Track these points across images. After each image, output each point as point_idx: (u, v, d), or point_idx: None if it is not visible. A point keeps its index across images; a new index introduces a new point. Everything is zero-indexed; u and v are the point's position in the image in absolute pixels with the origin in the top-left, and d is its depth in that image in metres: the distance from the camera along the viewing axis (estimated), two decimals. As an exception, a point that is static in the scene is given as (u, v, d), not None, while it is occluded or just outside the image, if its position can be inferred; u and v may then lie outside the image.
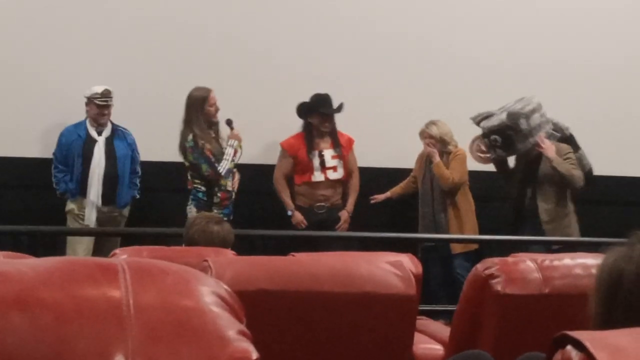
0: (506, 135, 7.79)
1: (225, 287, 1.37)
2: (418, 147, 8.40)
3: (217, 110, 7.94)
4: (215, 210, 7.84)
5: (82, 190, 7.96)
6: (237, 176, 8.06)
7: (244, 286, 2.72)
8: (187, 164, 7.89)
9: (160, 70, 8.62)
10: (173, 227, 6.85)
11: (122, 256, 3.90)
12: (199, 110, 7.85)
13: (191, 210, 7.77)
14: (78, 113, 8.09)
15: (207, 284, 1.34)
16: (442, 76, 9.01)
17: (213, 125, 7.98)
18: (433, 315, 5.73)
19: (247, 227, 7.39)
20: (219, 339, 1.27)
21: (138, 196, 8.18)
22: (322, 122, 8.25)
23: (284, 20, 8.89)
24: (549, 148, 7.82)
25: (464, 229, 8.19)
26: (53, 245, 7.73)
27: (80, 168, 7.96)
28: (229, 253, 3.88)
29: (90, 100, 7.98)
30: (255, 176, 8.41)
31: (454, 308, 3.37)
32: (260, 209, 8.60)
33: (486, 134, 7.88)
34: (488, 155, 7.99)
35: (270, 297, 2.82)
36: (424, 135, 8.27)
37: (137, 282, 1.29)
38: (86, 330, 1.23)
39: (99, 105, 7.96)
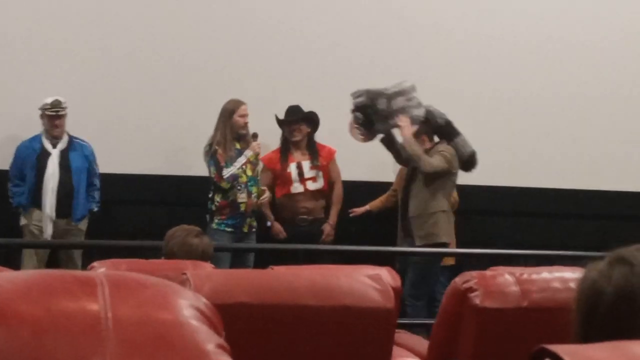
0: (366, 114, 7.84)
1: (204, 300, 1.37)
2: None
3: (245, 123, 8.03)
4: (216, 219, 7.92)
5: (34, 203, 7.92)
6: (266, 193, 8.12)
7: (223, 299, 2.72)
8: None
9: (121, 82, 8.58)
10: (144, 240, 6.91)
11: (100, 269, 3.89)
12: (226, 119, 7.98)
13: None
14: (36, 125, 8.05)
15: (185, 298, 1.34)
16: (425, 89, 9.03)
17: (241, 137, 8.05)
18: (411, 328, 5.73)
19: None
20: (197, 353, 1.27)
21: (96, 209, 8.11)
22: (290, 132, 8.31)
23: (250, 28, 8.90)
24: (406, 128, 7.79)
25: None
26: (6, 259, 7.68)
27: (33, 180, 7.93)
28: (208, 266, 3.88)
29: (43, 113, 7.95)
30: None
31: (432, 321, 3.38)
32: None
33: (352, 110, 7.91)
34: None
35: (249, 310, 2.81)
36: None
37: (115, 296, 1.29)
38: (64, 344, 1.23)
39: (50, 117, 7.93)
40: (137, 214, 8.58)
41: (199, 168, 8.26)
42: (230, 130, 7.99)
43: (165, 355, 1.25)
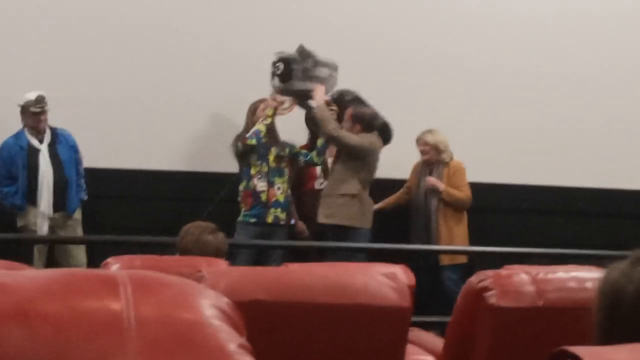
0: (289, 67, 7.91)
1: (226, 299, 1.37)
2: (412, 157, 8.40)
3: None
4: (242, 212, 7.99)
5: (30, 202, 7.83)
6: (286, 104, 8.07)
7: (238, 297, 2.71)
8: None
9: (101, 73, 8.55)
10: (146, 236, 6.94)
11: (114, 265, 3.89)
12: (251, 115, 8.07)
13: None
14: (13, 121, 7.94)
15: (207, 297, 1.34)
16: (439, 86, 9.03)
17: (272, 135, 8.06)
18: (424, 325, 5.72)
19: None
20: (219, 353, 1.27)
21: (86, 198, 8.07)
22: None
23: (265, 22, 8.90)
24: (319, 92, 7.90)
25: (455, 241, 8.17)
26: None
27: (26, 180, 7.83)
28: (223, 263, 3.88)
29: (24, 109, 7.84)
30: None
31: (445, 319, 3.37)
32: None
33: (274, 61, 7.97)
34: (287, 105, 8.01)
35: (264, 307, 2.82)
36: (419, 142, 8.27)
37: (137, 295, 1.28)
38: (86, 343, 1.22)
39: (35, 113, 7.82)
40: (134, 209, 8.57)
41: (203, 164, 8.34)
42: (252, 124, 8.04)
43: (187, 355, 1.25)
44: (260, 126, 7.90)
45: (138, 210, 8.54)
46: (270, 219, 7.92)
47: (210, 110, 8.59)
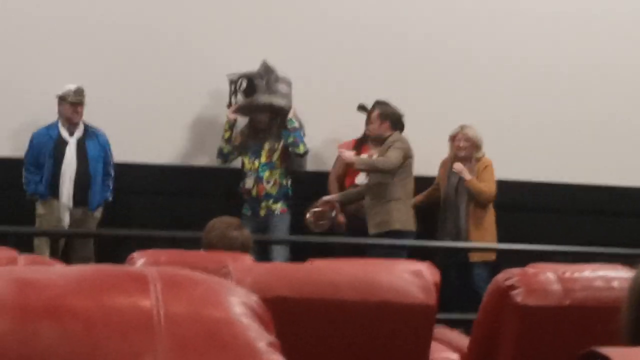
0: (252, 82, 8.18)
1: (255, 297, 1.37)
2: (441, 154, 8.39)
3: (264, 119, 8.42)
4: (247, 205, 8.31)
5: (52, 192, 7.87)
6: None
7: (264, 293, 2.71)
8: None
9: (137, 71, 8.62)
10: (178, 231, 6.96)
11: (139, 260, 3.90)
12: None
13: None
14: (49, 113, 8.01)
15: (237, 295, 1.34)
16: (465, 83, 9.01)
17: (270, 131, 8.45)
18: (449, 323, 5.70)
19: (300, 231, 7.82)
20: (249, 351, 1.27)
21: (111, 199, 8.11)
22: (366, 125, 8.37)
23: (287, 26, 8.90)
24: (345, 153, 8.14)
25: (484, 238, 8.16)
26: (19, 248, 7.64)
27: (51, 169, 7.88)
28: (248, 258, 3.88)
29: (62, 99, 7.90)
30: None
31: (471, 317, 3.36)
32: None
33: (233, 80, 8.23)
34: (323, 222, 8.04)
35: (289, 304, 2.81)
36: (458, 137, 8.23)
37: (167, 292, 1.28)
38: (116, 340, 1.23)
39: (72, 103, 7.88)
40: (150, 204, 8.59)
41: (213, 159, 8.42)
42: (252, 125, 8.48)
43: (216, 353, 1.25)
44: (220, 144, 8.41)
45: (150, 204, 8.57)
46: (262, 212, 8.31)
47: (220, 107, 8.59)
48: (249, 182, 8.29)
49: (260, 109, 8.28)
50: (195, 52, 8.66)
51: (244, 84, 8.21)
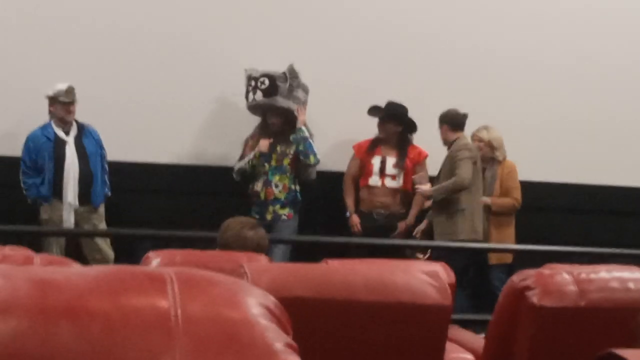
0: (275, 83, 8.09)
1: (273, 298, 1.37)
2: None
3: (279, 122, 8.32)
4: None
5: (55, 193, 7.80)
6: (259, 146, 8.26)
7: (280, 293, 2.71)
8: None
9: (130, 70, 8.59)
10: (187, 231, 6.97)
11: (155, 259, 3.91)
12: (244, 146, 8.42)
13: None
14: (41, 111, 7.93)
15: (254, 296, 1.34)
16: (485, 83, 9.01)
17: (282, 135, 8.33)
18: (463, 324, 5.70)
19: (312, 231, 7.70)
20: (266, 352, 1.27)
21: (110, 194, 8.07)
22: (379, 127, 8.37)
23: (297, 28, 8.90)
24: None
25: (503, 240, 8.15)
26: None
27: (52, 171, 7.80)
28: (263, 258, 3.88)
29: (54, 100, 7.83)
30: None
31: (485, 318, 3.35)
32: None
33: (254, 77, 8.15)
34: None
35: (305, 304, 2.81)
36: (474, 138, 8.24)
37: (185, 293, 1.29)
38: (134, 341, 1.23)
39: (65, 103, 7.81)
40: (151, 203, 8.59)
41: (220, 158, 8.40)
42: (270, 125, 8.31)
43: (234, 354, 1.25)
44: (244, 166, 8.30)
45: (156, 203, 8.57)
46: (269, 216, 8.23)
47: (229, 106, 8.57)
48: (258, 185, 8.26)
49: (278, 111, 8.21)
50: (203, 49, 8.64)
51: (267, 83, 8.11)
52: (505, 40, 9.11)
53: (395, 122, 8.37)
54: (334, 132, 8.66)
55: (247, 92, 8.22)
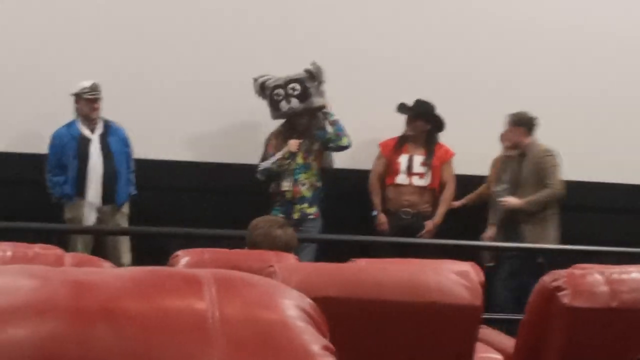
0: (305, 86, 8.05)
1: (309, 300, 1.36)
2: (491, 153, 8.36)
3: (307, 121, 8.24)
4: (274, 205, 8.16)
5: (79, 192, 7.79)
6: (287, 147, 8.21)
7: (310, 293, 2.69)
8: None
9: (156, 67, 8.60)
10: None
11: (183, 258, 3.91)
12: (267, 145, 8.33)
13: None
14: (68, 107, 7.93)
15: (291, 298, 1.33)
16: (522, 80, 8.98)
17: (307, 133, 8.26)
18: (491, 323, 5.69)
19: (339, 229, 7.58)
20: (303, 354, 1.26)
21: (135, 192, 8.06)
22: (407, 125, 8.35)
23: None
24: (511, 200, 8.01)
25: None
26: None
27: (76, 170, 7.79)
28: (292, 257, 3.88)
29: (79, 97, 7.82)
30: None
31: (514, 317, 3.34)
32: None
33: (281, 85, 8.08)
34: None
35: (335, 304, 2.80)
36: (504, 134, 8.22)
37: (222, 295, 1.28)
38: (171, 342, 1.23)
39: (89, 100, 7.80)
40: (175, 201, 8.60)
41: (242, 155, 8.39)
42: (295, 124, 8.24)
43: (271, 356, 1.25)
44: (271, 166, 8.19)
45: (180, 201, 8.59)
46: (296, 215, 8.14)
47: (253, 104, 8.57)
48: (285, 185, 8.15)
49: (313, 112, 8.19)
50: (229, 49, 8.65)
51: (298, 88, 8.07)
52: (541, 37, 9.08)
53: (424, 120, 8.35)
54: (359, 130, 8.63)
55: (277, 102, 8.14)
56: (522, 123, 8.07)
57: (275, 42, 8.65)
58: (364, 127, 8.61)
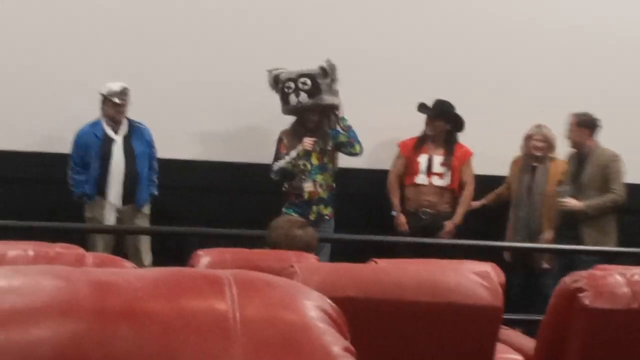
0: (316, 82, 7.97)
1: (329, 301, 1.37)
2: (509, 153, 8.34)
3: (318, 119, 8.16)
4: (286, 203, 8.11)
5: (99, 192, 7.81)
6: (313, 183, 8.14)
7: (330, 293, 2.70)
8: None
9: (181, 66, 8.60)
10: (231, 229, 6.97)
11: (204, 257, 3.91)
12: (279, 144, 8.22)
13: None
14: (92, 108, 7.94)
15: (311, 299, 1.34)
16: (535, 81, 8.95)
17: (319, 132, 8.17)
18: (510, 323, 5.67)
19: (353, 229, 7.57)
20: (324, 355, 1.26)
21: (157, 193, 8.06)
22: (427, 125, 8.34)
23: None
24: (572, 202, 7.95)
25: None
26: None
27: (98, 169, 7.81)
28: (312, 258, 3.88)
29: (106, 98, 7.83)
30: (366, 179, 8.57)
31: (534, 317, 3.33)
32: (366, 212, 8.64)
33: (292, 78, 8.00)
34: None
35: (356, 304, 2.81)
36: (536, 137, 8.18)
37: (243, 295, 1.29)
38: (192, 342, 1.23)
39: (116, 104, 7.82)
40: (196, 201, 8.60)
41: (260, 155, 8.37)
42: (307, 123, 8.15)
43: (292, 357, 1.25)
44: (286, 165, 8.10)
45: (199, 201, 8.59)
46: (313, 216, 8.01)
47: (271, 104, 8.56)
48: (308, 185, 8.09)
49: (319, 108, 8.12)
50: (250, 50, 8.64)
51: (309, 83, 8.05)
52: (556, 36, 9.05)
53: (444, 120, 8.33)
54: (378, 130, 8.62)
55: (287, 95, 8.06)
56: (586, 124, 8.03)
57: (275, 42, 8.63)
58: (383, 127, 8.60)
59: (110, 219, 7.83)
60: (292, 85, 8.01)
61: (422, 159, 8.36)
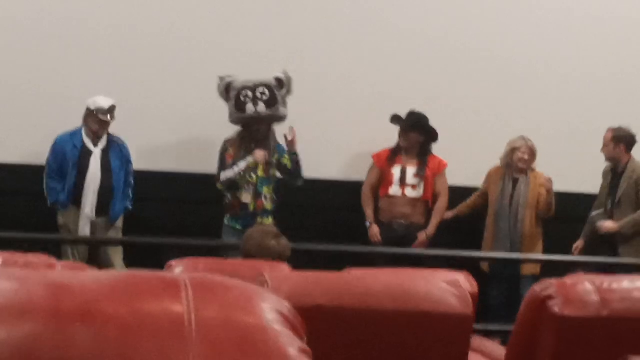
0: (274, 93, 7.89)
1: (287, 304, 1.37)
2: (482, 163, 8.35)
3: (267, 129, 8.03)
4: (228, 214, 7.99)
5: (73, 201, 7.78)
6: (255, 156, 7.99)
7: (301, 302, 2.71)
8: None
9: (162, 78, 8.56)
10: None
11: (177, 267, 3.92)
12: (223, 153, 8.06)
13: None
14: (67, 121, 7.90)
15: (268, 301, 1.34)
16: (508, 91, 8.97)
17: (266, 143, 8.01)
18: (489, 334, 5.68)
19: (327, 240, 7.57)
20: (280, 357, 1.27)
21: (130, 207, 8.03)
22: (401, 137, 8.34)
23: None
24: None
25: (534, 250, 8.13)
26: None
27: (73, 179, 7.78)
28: (285, 267, 3.89)
29: (92, 113, 7.79)
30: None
31: (510, 328, 3.34)
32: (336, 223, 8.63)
33: (250, 87, 7.90)
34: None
35: (326, 313, 2.81)
36: (522, 149, 8.19)
37: (199, 298, 1.29)
38: (148, 345, 1.24)
39: (103, 121, 7.80)
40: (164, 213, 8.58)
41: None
42: (255, 133, 8.02)
43: (248, 359, 1.25)
44: (233, 175, 7.94)
45: (170, 212, 8.56)
46: None
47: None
48: (246, 197, 7.91)
49: (267, 119, 8.00)
50: (227, 60, 8.61)
51: (267, 94, 7.97)
52: (528, 47, 9.08)
53: (418, 132, 8.33)
54: (352, 142, 8.61)
55: (243, 104, 7.91)
56: (623, 140, 8.03)
57: (271, 53, 8.61)
58: (357, 139, 8.59)
59: (85, 231, 7.80)
60: (250, 94, 7.88)
61: (396, 171, 8.36)
